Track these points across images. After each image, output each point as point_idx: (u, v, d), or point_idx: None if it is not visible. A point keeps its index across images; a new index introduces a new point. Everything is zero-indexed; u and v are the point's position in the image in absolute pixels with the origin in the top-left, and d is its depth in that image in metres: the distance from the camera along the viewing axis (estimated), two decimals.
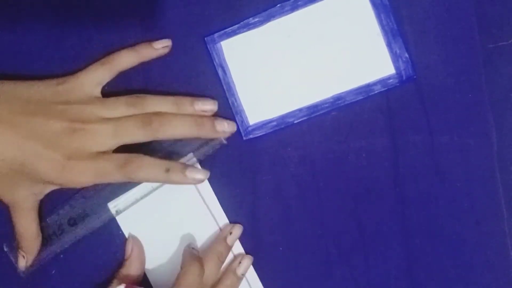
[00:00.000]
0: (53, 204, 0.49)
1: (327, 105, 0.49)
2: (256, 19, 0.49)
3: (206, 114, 0.48)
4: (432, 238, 0.49)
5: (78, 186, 0.45)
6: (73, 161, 0.44)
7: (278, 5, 0.49)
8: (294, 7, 0.49)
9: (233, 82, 0.49)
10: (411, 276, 0.49)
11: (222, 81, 0.49)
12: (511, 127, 0.50)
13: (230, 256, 0.49)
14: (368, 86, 0.49)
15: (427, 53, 0.49)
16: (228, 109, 0.49)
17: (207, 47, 0.49)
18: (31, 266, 0.47)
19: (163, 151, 0.48)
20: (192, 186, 0.49)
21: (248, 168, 0.49)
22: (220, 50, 0.49)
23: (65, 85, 0.46)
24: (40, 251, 0.47)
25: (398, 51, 0.49)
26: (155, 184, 0.48)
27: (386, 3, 0.49)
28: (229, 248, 0.48)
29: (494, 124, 0.49)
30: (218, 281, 0.48)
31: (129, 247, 0.48)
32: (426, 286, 0.49)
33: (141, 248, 0.49)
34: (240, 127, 0.49)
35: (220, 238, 0.48)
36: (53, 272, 0.49)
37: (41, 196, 0.47)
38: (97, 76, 0.46)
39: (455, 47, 0.49)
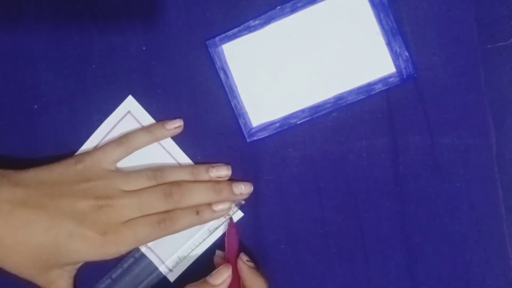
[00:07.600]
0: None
1: (329, 105, 0.50)
2: (256, 22, 0.49)
3: (221, 179, 0.49)
4: (432, 238, 0.49)
5: (117, 255, 0.47)
6: (109, 235, 0.45)
7: (278, 7, 0.49)
8: (294, 9, 0.49)
9: (235, 85, 0.50)
10: (411, 276, 0.49)
11: (224, 84, 0.50)
12: (511, 127, 0.50)
13: None
14: (369, 85, 0.49)
15: (427, 54, 0.49)
16: (230, 111, 0.50)
17: (208, 51, 0.49)
18: None
19: None
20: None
21: (250, 168, 0.50)
22: (221, 53, 0.50)
23: (83, 163, 0.47)
24: None
25: (398, 50, 0.49)
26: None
27: (385, 2, 0.49)
28: None
29: (494, 124, 0.49)
30: None
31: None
32: (426, 286, 0.49)
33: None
34: (243, 129, 0.50)
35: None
36: None
37: (74, 272, 0.48)
38: (114, 155, 0.48)
39: (455, 47, 0.49)
